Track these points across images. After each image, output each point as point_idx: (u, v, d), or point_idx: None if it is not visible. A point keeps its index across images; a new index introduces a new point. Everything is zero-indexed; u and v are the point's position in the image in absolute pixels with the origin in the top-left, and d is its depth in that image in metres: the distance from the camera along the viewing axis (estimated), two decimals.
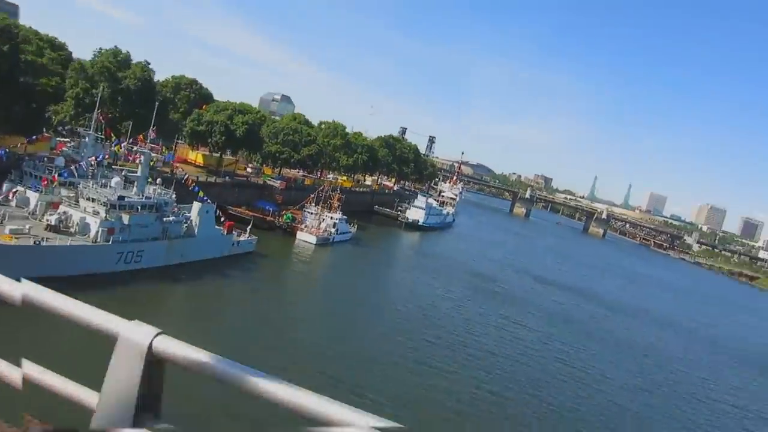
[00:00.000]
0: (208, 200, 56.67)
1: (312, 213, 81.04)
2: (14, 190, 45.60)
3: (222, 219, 59.31)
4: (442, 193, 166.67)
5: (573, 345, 58.06)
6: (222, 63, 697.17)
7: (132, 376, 2.40)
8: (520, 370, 45.29)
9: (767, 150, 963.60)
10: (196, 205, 54.60)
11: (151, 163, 61.78)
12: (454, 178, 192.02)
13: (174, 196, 53.10)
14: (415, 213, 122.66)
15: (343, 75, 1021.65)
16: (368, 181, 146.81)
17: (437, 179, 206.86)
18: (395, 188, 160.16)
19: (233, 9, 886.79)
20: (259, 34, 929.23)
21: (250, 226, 63.76)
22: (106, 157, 58.23)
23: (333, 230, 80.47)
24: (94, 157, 50.64)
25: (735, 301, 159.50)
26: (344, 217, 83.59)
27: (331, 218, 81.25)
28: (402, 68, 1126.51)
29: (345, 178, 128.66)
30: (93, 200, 44.87)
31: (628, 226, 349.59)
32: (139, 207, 47.36)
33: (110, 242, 43.73)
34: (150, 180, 53.15)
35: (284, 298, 54.24)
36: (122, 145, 55.92)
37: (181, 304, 45.23)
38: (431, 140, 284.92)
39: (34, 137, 56.49)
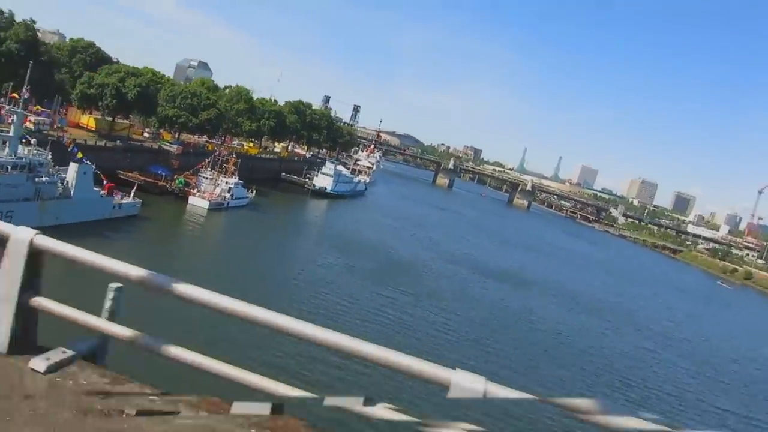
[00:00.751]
0: (88, 161, 59.68)
1: (207, 178, 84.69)
2: None
3: (103, 181, 62.42)
4: (357, 162, 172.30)
5: (463, 325, 54.78)
6: (134, 25, 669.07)
7: (18, 263, 3.76)
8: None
9: (702, 125, 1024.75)
10: (72, 166, 57.44)
11: (29, 125, 64.07)
12: (372, 146, 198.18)
13: (50, 156, 55.84)
14: (323, 180, 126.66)
15: (271, 43, 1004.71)
16: (278, 148, 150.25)
17: (357, 148, 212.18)
18: (307, 156, 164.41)
19: None
20: None
21: (134, 189, 67.10)
22: None
23: (228, 195, 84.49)
24: None
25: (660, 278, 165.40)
26: (240, 182, 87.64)
27: (227, 183, 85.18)
28: (332, 37, 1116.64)
29: (251, 144, 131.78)
30: None
31: (554, 198, 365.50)
32: (9, 167, 50.25)
33: None
34: (27, 140, 55.65)
35: (165, 262, 57.62)
36: None
37: (52, 263, 48.50)
38: (356, 109, 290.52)
39: None
